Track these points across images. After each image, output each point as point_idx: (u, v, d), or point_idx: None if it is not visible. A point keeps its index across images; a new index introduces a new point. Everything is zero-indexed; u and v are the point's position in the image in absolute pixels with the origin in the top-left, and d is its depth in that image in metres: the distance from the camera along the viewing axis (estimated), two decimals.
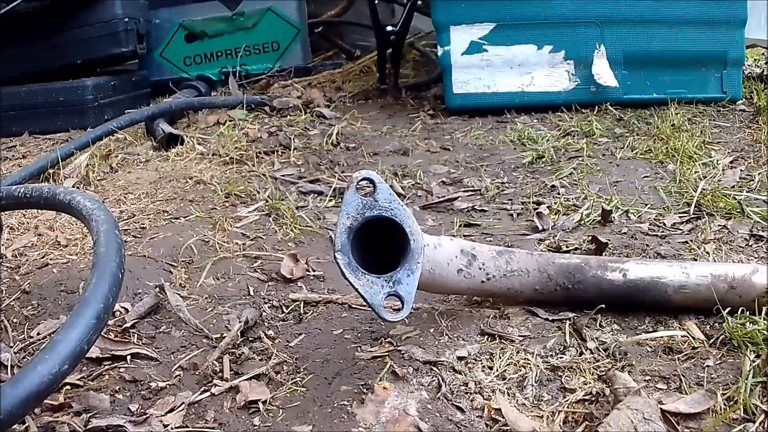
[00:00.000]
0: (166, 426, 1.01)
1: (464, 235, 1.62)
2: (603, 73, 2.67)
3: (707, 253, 1.42)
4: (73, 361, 0.88)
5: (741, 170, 1.91)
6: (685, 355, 1.08)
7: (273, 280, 1.45)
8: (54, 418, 1.03)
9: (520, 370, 1.08)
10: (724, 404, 0.96)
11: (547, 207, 1.75)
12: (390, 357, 1.12)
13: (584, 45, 2.70)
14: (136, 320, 1.29)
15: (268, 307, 1.34)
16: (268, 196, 1.89)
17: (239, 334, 1.23)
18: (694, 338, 1.12)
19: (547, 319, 1.20)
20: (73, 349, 0.88)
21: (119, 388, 1.11)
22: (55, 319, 1.31)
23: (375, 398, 1.02)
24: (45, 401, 1.00)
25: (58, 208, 1.31)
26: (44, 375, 0.84)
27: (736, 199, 1.68)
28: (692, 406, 0.95)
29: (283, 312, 1.33)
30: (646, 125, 2.46)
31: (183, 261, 1.52)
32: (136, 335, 1.26)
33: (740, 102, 2.71)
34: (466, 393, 1.03)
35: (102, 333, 1.11)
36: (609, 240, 1.48)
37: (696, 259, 1.39)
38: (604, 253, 1.42)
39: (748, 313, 1.12)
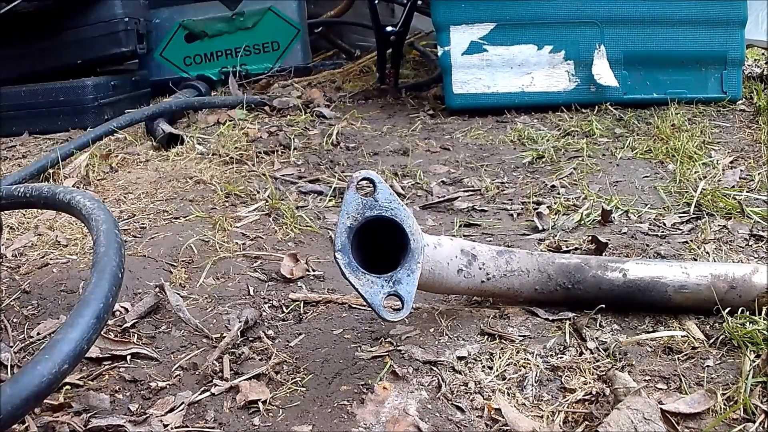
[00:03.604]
0: (166, 426, 1.01)
1: (464, 235, 1.62)
2: (603, 73, 2.68)
3: (707, 253, 1.42)
4: (73, 361, 0.88)
5: (741, 170, 1.91)
6: (685, 355, 1.08)
7: (273, 280, 1.45)
8: (54, 418, 1.03)
9: (520, 370, 1.08)
10: (724, 404, 0.96)
11: (547, 207, 1.75)
12: (390, 357, 1.12)
13: (584, 45, 2.70)
14: (136, 320, 1.29)
15: (268, 307, 1.34)
16: (268, 196, 1.89)
17: (239, 334, 1.23)
18: (694, 338, 1.12)
19: (547, 319, 1.20)
20: (73, 348, 0.88)
21: (119, 388, 1.11)
22: (55, 319, 1.31)
23: (375, 398, 1.02)
24: (45, 401, 1.00)
25: (58, 207, 1.31)
26: (44, 375, 0.84)
27: (736, 199, 1.68)
28: (692, 406, 0.95)
29: (283, 312, 1.33)
30: (646, 125, 2.46)
31: (183, 261, 1.52)
32: (136, 335, 1.26)
33: (740, 102, 2.71)
34: (466, 393, 1.03)
35: (102, 333, 1.12)
36: (609, 240, 1.48)
37: (696, 259, 1.39)
38: (604, 253, 1.42)
39: (748, 313, 1.12)
